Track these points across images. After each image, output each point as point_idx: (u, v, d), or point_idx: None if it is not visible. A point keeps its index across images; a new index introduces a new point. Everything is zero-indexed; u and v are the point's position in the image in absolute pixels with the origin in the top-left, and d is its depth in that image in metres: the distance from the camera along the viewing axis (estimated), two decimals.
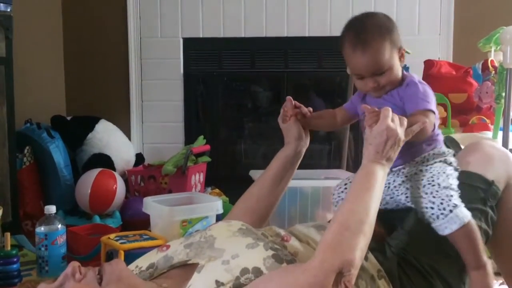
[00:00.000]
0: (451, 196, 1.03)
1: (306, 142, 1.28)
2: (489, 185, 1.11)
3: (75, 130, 2.51)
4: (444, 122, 1.95)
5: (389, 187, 1.14)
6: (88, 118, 2.62)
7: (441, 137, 1.14)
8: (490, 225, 1.11)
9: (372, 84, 1.09)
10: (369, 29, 1.09)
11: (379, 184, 0.99)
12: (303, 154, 1.28)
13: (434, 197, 1.04)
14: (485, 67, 2.01)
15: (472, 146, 1.20)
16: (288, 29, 2.79)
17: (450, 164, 1.10)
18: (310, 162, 1.32)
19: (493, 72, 1.92)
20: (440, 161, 1.09)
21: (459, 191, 1.05)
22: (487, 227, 1.10)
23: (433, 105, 1.08)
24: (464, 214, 1.02)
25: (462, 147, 1.33)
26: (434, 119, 1.08)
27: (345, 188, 1.20)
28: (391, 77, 1.10)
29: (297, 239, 1.09)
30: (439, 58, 2.56)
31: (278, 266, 0.92)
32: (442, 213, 1.02)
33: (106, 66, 2.87)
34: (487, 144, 1.19)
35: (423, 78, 2.14)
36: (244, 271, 0.90)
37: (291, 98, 1.27)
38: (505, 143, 1.67)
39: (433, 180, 1.06)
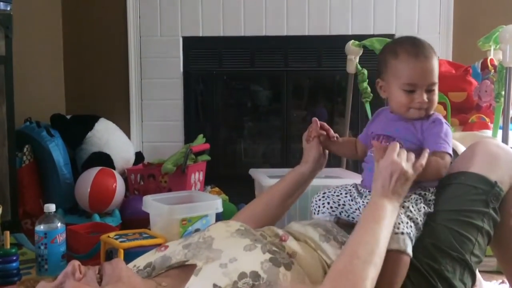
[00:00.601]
0: (407, 223, 1.04)
1: (323, 164, 1.30)
2: (491, 186, 1.10)
3: (74, 128, 2.51)
4: None
5: (365, 206, 1.13)
6: (87, 117, 2.62)
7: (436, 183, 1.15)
8: (492, 226, 1.10)
9: (422, 98, 1.10)
10: (426, 44, 1.15)
11: (388, 217, 1.00)
12: (316, 174, 1.30)
13: None
14: (484, 66, 2.01)
15: (477, 145, 1.17)
16: (288, 28, 2.78)
17: (426, 200, 1.11)
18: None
19: (493, 71, 1.92)
20: (420, 194, 1.11)
21: (418, 228, 1.06)
22: (489, 229, 1.09)
23: (450, 148, 1.11)
24: (406, 244, 1.02)
25: (461, 146, 1.33)
26: (449, 162, 1.10)
27: (323, 197, 1.21)
28: (436, 99, 1.13)
29: (294, 238, 1.09)
30: (438, 57, 2.56)
31: (275, 270, 0.92)
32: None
33: (105, 65, 2.87)
34: (493, 144, 1.17)
35: None
36: (242, 275, 0.90)
37: (317, 120, 1.29)
38: (504, 142, 1.67)
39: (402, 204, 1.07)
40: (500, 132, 1.76)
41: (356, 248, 0.94)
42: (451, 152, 1.10)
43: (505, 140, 1.69)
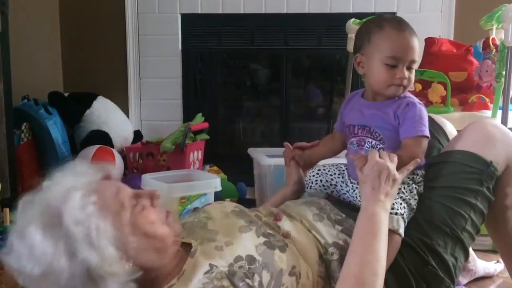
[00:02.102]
0: (401, 204, 1.05)
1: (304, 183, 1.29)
2: (486, 166, 1.10)
3: (72, 106, 2.50)
4: (443, 101, 1.95)
5: (354, 190, 1.15)
6: (85, 95, 2.61)
7: (423, 163, 1.14)
8: (485, 205, 1.11)
9: (404, 73, 1.07)
10: (409, 25, 1.12)
11: (384, 226, 0.98)
12: (302, 195, 1.30)
13: None
14: (486, 45, 1.99)
15: (474, 125, 1.18)
16: (287, 5, 2.75)
17: (416, 182, 1.11)
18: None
19: (494, 50, 1.91)
20: (409, 178, 1.11)
21: (411, 209, 1.07)
22: (482, 207, 1.10)
23: (427, 130, 1.09)
24: (399, 225, 1.02)
25: (450, 124, 1.32)
26: (426, 146, 1.09)
27: (317, 173, 1.22)
28: (413, 78, 1.11)
29: (289, 217, 1.09)
30: (440, 36, 2.53)
31: (270, 252, 0.93)
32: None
33: (103, 42, 2.84)
34: (489, 124, 1.17)
35: (424, 57, 2.13)
36: (238, 258, 0.90)
37: (288, 143, 1.31)
38: (504, 122, 1.67)
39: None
40: (499, 112, 1.76)
41: (361, 271, 0.91)
42: (427, 133, 1.08)
43: (504, 120, 1.68)
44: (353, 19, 2.27)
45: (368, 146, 1.11)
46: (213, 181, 1.84)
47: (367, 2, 2.71)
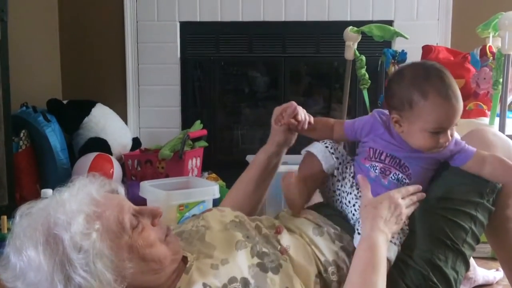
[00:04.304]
0: (398, 234, 1.04)
1: (290, 144, 1.23)
2: None
3: (71, 114, 2.50)
4: None
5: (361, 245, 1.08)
6: (84, 102, 2.61)
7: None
8: (486, 217, 1.09)
9: (446, 139, 1.03)
10: (450, 75, 1.06)
11: (384, 258, 0.96)
12: (285, 151, 1.24)
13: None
14: (483, 53, 2.00)
15: (474, 134, 1.15)
16: (286, 14, 2.76)
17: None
18: (303, 146, 1.29)
19: (491, 58, 1.92)
20: None
21: (405, 234, 1.06)
22: (482, 219, 1.08)
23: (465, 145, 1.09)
24: (391, 252, 1.02)
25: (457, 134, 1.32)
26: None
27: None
28: (454, 135, 1.07)
29: (289, 230, 1.07)
30: (437, 44, 2.55)
31: (263, 275, 0.92)
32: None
33: (102, 50, 2.85)
34: (490, 132, 1.15)
35: None
36: (232, 279, 0.90)
37: (294, 105, 1.15)
38: (501, 129, 1.68)
39: None
40: (497, 119, 1.76)
41: None
42: (474, 149, 1.07)
43: (502, 127, 1.69)
44: (351, 27, 2.28)
45: (393, 178, 1.07)
46: (211, 189, 1.84)
47: (365, 10, 2.72)
